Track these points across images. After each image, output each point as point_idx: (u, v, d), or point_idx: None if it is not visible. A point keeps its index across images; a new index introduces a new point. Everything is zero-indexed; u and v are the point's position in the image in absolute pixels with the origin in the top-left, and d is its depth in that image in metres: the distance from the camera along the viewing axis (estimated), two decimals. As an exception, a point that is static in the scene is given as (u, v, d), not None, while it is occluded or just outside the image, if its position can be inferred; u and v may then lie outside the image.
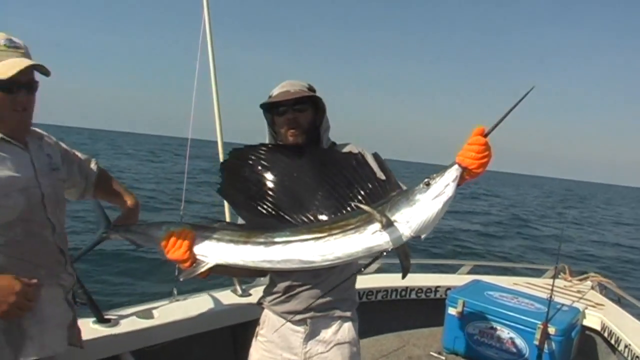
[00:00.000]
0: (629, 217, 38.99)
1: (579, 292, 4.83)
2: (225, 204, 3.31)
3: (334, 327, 2.15)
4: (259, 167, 1.92)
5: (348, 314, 2.18)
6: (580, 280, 5.26)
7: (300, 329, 2.13)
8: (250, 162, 1.93)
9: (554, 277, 4.20)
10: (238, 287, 3.43)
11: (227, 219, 3.24)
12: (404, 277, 1.89)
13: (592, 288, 5.09)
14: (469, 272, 5.01)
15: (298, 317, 2.09)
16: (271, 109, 2.09)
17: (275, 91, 2.06)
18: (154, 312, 2.98)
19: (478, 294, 4.17)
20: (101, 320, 2.75)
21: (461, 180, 1.60)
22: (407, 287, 4.28)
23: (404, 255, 1.78)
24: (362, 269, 2.02)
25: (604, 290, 5.04)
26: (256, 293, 3.45)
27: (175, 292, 3.21)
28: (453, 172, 1.58)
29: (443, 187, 1.58)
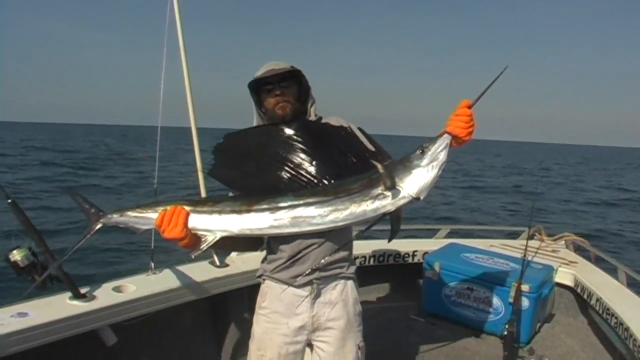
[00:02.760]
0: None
1: (553, 251, 4.93)
2: (201, 188, 3.36)
3: (339, 287, 2.21)
4: (254, 146, 1.98)
5: (350, 272, 2.25)
6: (555, 240, 5.37)
7: (306, 292, 2.16)
8: (245, 142, 2.00)
9: (528, 237, 4.28)
10: (216, 259, 3.44)
11: None
12: (390, 240, 2.08)
13: (566, 247, 5.21)
14: (446, 236, 5.07)
15: (305, 279, 2.11)
16: (258, 87, 2.15)
17: (260, 71, 2.13)
18: (131, 285, 2.99)
19: (454, 256, 4.24)
20: (78, 296, 2.75)
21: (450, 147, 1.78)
22: (384, 253, 4.33)
23: (396, 218, 1.95)
24: (364, 230, 2.11)
25: (577, 249, 5.16)
26: (233, 264, 3.47)
27: (152, 265, 3.21)
28: (444, 140, 1.77)
29: (436, 153, 1.77)
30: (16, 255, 2.61)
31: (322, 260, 2.08)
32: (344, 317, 2.20)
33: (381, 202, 1.80)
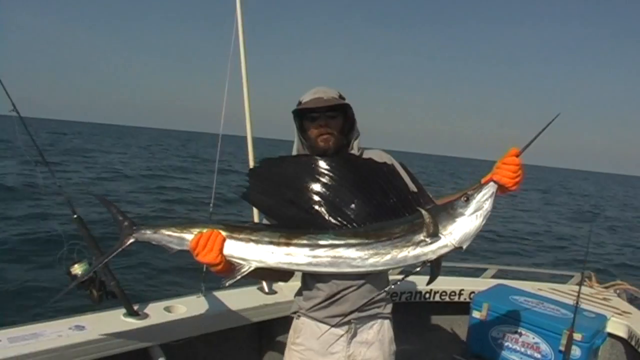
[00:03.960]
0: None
1: (604, 299, 4.76)
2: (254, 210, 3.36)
3: (376, 326, 2.17)
4: (293, 175, 1.90)
5: (387, 312, 2.21)
6: (606, 287, 5.18)
7: (342, 332, 2.11)
8: (284, 170, 1.92)
9: (581, 283, 4.15)
10: (265, 285, 3.46)
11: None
12: (429, 283, 1.95)
13: (619, 295, 5.02)
14: (493, 277, 4.97)
15: (343, 320, 2.06)
16: (302, 114, 2.11)
17: (307, 97, 2.08)
18: (182, 306, 3.03)
19: (503, 298, 4.14)
20: (132, 313, 2.81)
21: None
22: (431, 290, 4.27)
23: (437, 264, 1.84)
24: (401, 279, 2.03)
25: (631, 298, 4.97)
26: (281, 291, 3.48)
27: (203, 287, 3.25)
28: (490, 189, 1.72)
29: (482, 202, 1.71)
30: (77, 269, 2.68)
31: (361, 302, 2.03)
32: (380, 357, 2.16)
33: (423, 250, 1.74)
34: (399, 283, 1.95)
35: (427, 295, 4.28)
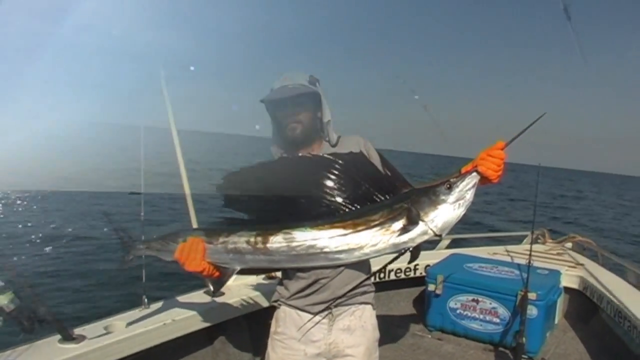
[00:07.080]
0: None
1: (558, 254, 4.83)
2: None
3: (357, 312, 2.14)
4: (257, 182, 1.87)
5: (369, 299, 2.18)
6: (559, 242, 5.27)
7: (324, 319, 2.08)
8: (246, 179, 1.89)
9: (532, 242, 4.17)
10: (211, 287, 3.33)
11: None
12: (410, 262, 1.90)
13: (571, 249, 5.10)
14: (448, 247, 4.96)
15: (323, 306, 2.03)
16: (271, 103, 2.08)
17: (276, 84, 2.05)
18: (124, 323, 2.88)
19: (457, 268, 4.13)
20: (67, 338, 2.64)
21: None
22: (385, 268, 4.22)
23: (416, 248, 1.78)
24: (379, 270, 2.03)
25: (583, 250, 5.05)
26: (229, 292, 3.36)
27: (145, 299, 3.10)
28: (474, 179, 1.66)
29: (464, 192, 1.65)
30: (3, 300, 2.50)
31: (341, 290, 2.02)
32: (364, 344, 2.13)
33: (401, 239, 1.67)
34: (369, 262, 1.95)
35: (382, 275, 4.23)
